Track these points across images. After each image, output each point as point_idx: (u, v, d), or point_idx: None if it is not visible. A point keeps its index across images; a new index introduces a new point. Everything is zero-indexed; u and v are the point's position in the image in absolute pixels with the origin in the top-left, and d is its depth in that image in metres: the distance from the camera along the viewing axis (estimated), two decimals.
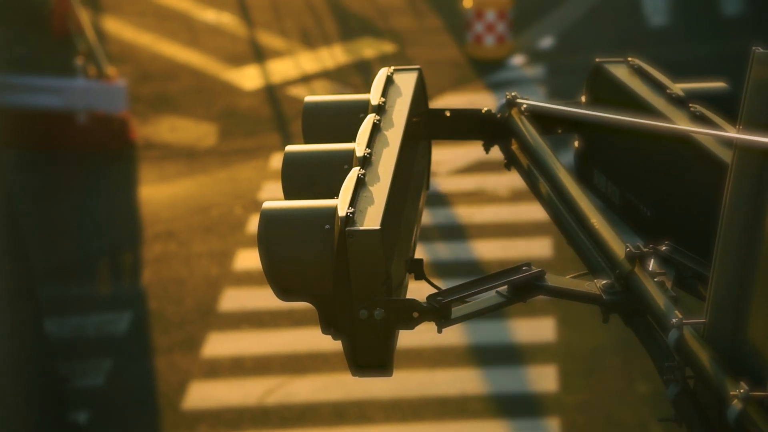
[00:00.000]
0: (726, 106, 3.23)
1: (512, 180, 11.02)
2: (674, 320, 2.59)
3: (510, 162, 3.46)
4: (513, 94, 3.46)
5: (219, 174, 11.95)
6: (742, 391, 2.37)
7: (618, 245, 2.88)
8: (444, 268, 9.99)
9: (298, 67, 13.93)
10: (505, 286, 2.85)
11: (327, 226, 2.65)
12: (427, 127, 3.46)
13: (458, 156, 11.72)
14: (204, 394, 9.05)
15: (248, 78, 13.78)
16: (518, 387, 8.94)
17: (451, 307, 2.78)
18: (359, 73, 13.62)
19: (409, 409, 8.77)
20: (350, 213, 2.70)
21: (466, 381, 9.01)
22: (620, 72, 3.44)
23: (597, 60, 3.52)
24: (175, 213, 11.30)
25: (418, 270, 3.08)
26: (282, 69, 13.91)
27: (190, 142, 12.54)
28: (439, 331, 2.81)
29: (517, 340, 9.41)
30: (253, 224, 10.88)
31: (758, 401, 2.37)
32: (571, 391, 8.88)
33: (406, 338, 3.01)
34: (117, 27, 15.01)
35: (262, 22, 15.03)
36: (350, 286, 2.68)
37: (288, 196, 2.94)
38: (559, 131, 3.54)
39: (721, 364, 2.50)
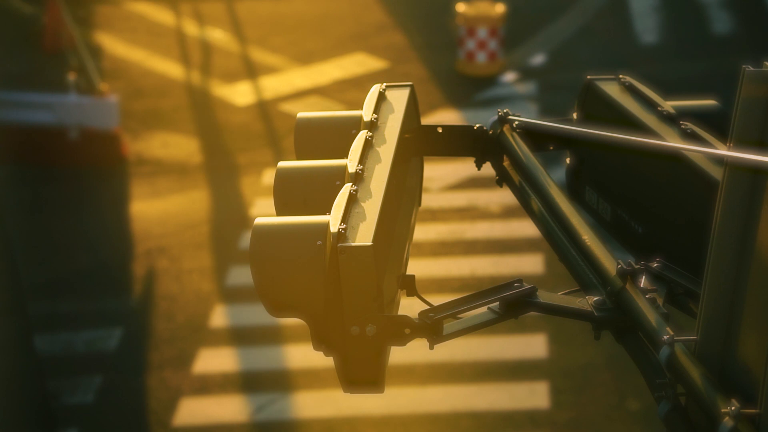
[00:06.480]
0: (717, 124, 3.24)
1: (504, 196, 11.06)
2: (665, 337, 2.60)
3: (502, 178, 3.47)
4: (505, 110, 3.47)
5: (210, 190, 11.94)
6: (733, 408, 2.37)
7: (609, 262, 2.88)
8: (436, 284, 9.99)
9: (290, 83, 13.95)
10: (497, 303, 2.85)
11: (319, 242, 2.65)
12: (420, 143, 3.47)
13: (450, 172, 11.74)
14: (195, 411, 9.02)
15: (240, 94, 13.79)
16: (510, 404, 8.93)
17: (442, 324, 2.78)
18: (351, 90, 13.64)
19: (401, 425, 8.75)
20: (342, 229, 2.70)
21: (457, 397, 9.00)
22: (612, 89, 3.46)
23: (588, 77, 3.53)
24: (167, 229, 11.28)
25: (409, 286, 3.08)
26: (274, 85, 13.93)
27: (182, 158, 12.53)
28: (431, 348, 2.81)
29: (509, 356, 9.40)
30: (244, 240, 10.87)
31: (749, 418, 2.37)
32: (562, 408, 8.88)
33: (397, 354, 3.01)
34: (109, 43, 15.02)
35: (255, 39, 15.05)
36: (342, 302, 2.68)
37: (280, 212, 2.94)
38: (551, 148, 3.55)
39: (713, 381, 2.50)
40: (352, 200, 2.82)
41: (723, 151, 2.65)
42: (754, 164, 2.45)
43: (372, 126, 3.17)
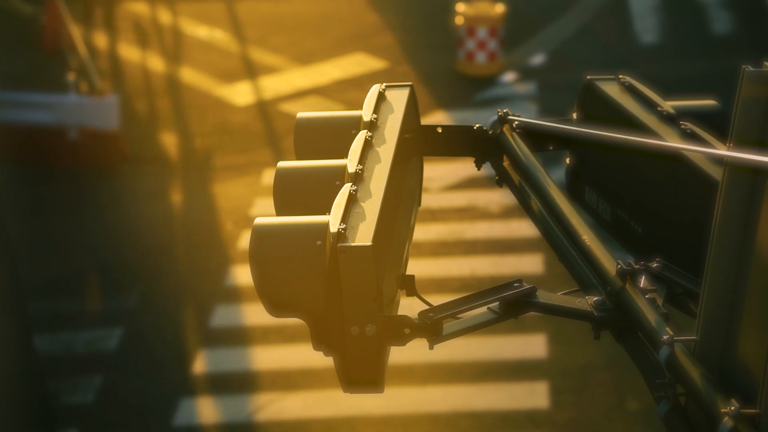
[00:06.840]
0: (716, 124, 3.24)
1: (504, 196, 11.06)
2: (665, 337, 2.60)
3: (502, 178, 3.47)
4: (504, 110, 3.47)
5: (210, 190, 11.94)
6: (733, 408, 2.37)
7: (609, 262, 2.88)
8: (436, 284, 9.99)
9: (290, 83, 13.95)
10: (497, 303, 2.85)
11: (318, 242, 2.65)
12: (419, 143, 3.47)
13: (450, 172, 11.74)
14: (195, 411, 9.02)
15: (240, 94, 13.79)
16: (509, 404, 8.93)
17: (442, 324, 2.79)
18: (351, 90, 13.64)
19: (401, 425, 8.75)
20: (342, 229, 2.70)
21: (457, 397, 9.00)
22: (611, 89, 3.46)
23: (588, 77, 3.53)
24: (167, 229, 11.28)
25: (409, 286, 3.09)
26: (274, 85, 13.93)
27: (182, 158, 12.54)
28: (431, 348, 2.81)
29: (509, 356, 9.40)
30: (244, 240, 10.87)
31: (749, 418, 2.37)
32: (562, 408, 8.88)
33: (397, 354, 3.01)
34: (109, 43, 15.02)
35: (255, 38, 15.05)
36: (342, 302, 2.68)
37: (280, 212, 2.94)
38: (551, 148, 3.55)
39: (712, 381, 2.50)
40: (352, 200, 2.82)
41: (723, 151, 2.65)
42: (754, 164, 2.45)
43: (372, 126, 3.17)
